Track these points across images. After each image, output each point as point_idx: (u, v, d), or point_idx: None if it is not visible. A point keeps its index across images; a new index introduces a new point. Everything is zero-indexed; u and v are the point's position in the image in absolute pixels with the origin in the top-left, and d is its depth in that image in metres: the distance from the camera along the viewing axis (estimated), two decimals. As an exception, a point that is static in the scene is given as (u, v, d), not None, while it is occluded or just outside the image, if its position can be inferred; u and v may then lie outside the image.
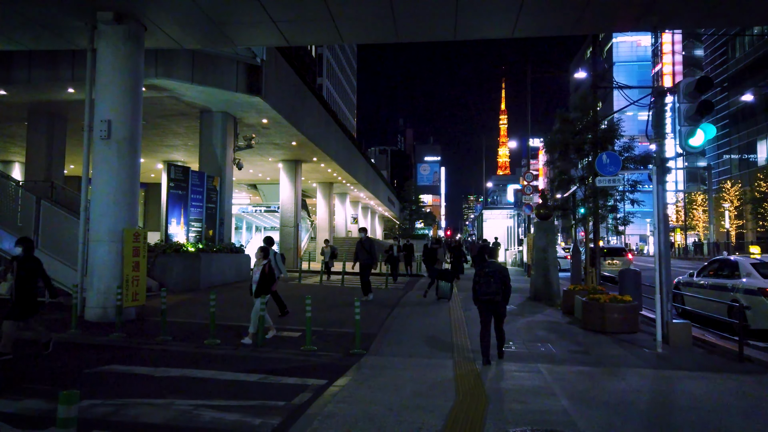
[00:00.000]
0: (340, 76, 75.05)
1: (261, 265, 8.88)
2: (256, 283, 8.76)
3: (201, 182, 16.05)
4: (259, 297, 8.45)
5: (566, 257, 23.20)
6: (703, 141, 8.49)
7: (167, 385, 6.04)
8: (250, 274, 8.98)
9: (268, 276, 8.86)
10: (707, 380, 6.46)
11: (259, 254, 9.09)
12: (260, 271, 8.79)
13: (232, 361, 7.34)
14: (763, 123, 45.61)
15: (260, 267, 8.86)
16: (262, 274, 8.75)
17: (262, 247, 9.37)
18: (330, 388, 5.82)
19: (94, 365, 6.89)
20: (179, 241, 14.80)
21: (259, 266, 8.88)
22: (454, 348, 8.07)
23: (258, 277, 8.78)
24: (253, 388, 6.01)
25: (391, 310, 11.95)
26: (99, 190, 10.09)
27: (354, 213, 47.53)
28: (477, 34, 11.04)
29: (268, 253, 9.28)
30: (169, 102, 16.09)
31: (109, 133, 9.99)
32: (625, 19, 10.39)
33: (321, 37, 11.54)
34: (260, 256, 9.07)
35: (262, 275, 8.76)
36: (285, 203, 26.32)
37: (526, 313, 11.77)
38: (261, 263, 8.93)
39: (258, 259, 9.06)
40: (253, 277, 8.93)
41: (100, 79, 10.24)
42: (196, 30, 10.83)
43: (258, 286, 8.73)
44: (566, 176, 13.64)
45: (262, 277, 8.76)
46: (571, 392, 5.84)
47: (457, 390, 5.85)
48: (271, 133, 19.90)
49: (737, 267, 10.25)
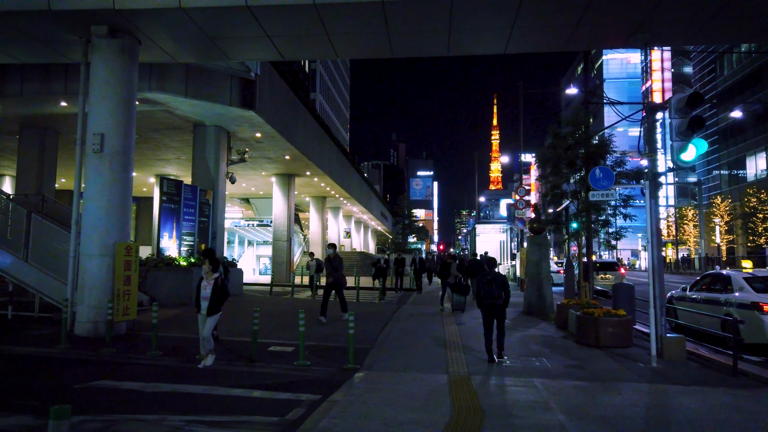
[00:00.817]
0: (334, 91, 75.48)
1: (213, 279, 7.86)
2: (208, 300, 7.75)
3: (193, 196, 15.98)
4: (213, 315, 7.75)
5: (559, 272, 23.24)
6: (695, 156, 8.57)
7: (158, 401, 5.95)
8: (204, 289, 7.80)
9: (221, 291, 7.86)
10: (703, 395, 6.44)
11: (208, 267, 7.93)
12: (212, 285, 7.81)
13: (224, 376, 7.25)
14: (751, 139, 46.19)
15: (212, 281, 7.84)
16: (214, 288, 7.79)
17: (213, 258, 8.15)
18: (324, 404, 5.75)
19: (84, 380, 6.78)
20: (171, 255, 14.69)
21: (210, 280, 7.86)
22: (448, 362, 8.02)
23: (210, 292, 7.79)
24: (246, 404, 5.93)
25: (384, 325, 11.88)
26: (91, 204, 10.02)
27: (347, 227, 47.47)
28: (470, 50, 11.15)
29: (218, 264, 8.16)
30: (162, 116, 16.08)
31: (102, 146, 9.95)
32: (616, 36, 10.52)
33: (316, 52, 11.61)
34: (209, 268, 7.92)
35: (215, 290, 7.80)
36: (278, 217, 26.26)
37: (520, 327, 11.74)
38: (212, 276, 7.89)
39: (207, 272, 7.93)
40: (201, 293, 7.83)
41: (94, 93, 10.21)
42: (191, 44, 10.85)
43: (211, 302, 7.75)
44: (558, 190, 13.69)
45: (215, 292, 7.80)
46: (568, 406, 5.81)
47: (452, 404, 5.80)
48: (264, 147, 19.91)
49: (730, 281, 10.29)
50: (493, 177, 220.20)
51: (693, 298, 11.34)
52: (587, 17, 9.42)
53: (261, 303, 15.93)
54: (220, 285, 7.83)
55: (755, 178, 45.35)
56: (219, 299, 7.83)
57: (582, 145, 13.27)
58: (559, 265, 25.82)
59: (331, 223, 41.28)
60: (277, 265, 25.71)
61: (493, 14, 9.45)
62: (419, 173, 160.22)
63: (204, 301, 7.80)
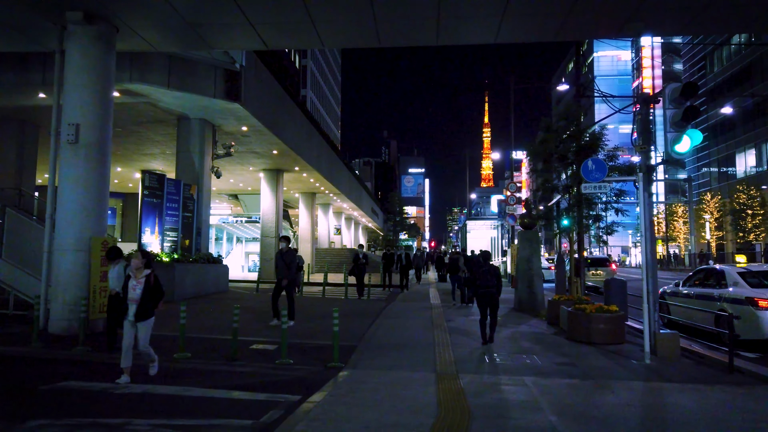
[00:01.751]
0: (324, 87, 74.96)
1: (143, 277, 6.48)
2: (137, 302, 6.40)
3: (177, 190, 15.58)
4: (145, 320, 6.45)
5: (550, 268, 23.06)
6: (690, 147, 8.33)
7: (127, 403, 5.61)
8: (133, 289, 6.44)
9: (154, 290, 6.54)
10: (698, 393, 6.21)
11: (140, 261, 6.55)
12: (143, 285, 6.44)
13: (202, 375, 6.92)
14: (741, 136, 46.33)
15: (142, 279, 6.46)
16: (146, 288, 6.45)
17: (146, 253, 6.95)
18: (303, 405, 5.44)
19: (52, 381, 6.42)
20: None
21: (140, 278, 6.47)
22: (436, 360, 7.74)
23: (140, 292, 6.41)
24: (220, 406, 5.60)
25: (372, 322, 11.60)
26: (66, 197, 9.62)
27: (337, 224, 47.12)
28: (460, 39, 10.86)
29: (151, 260, 6.94)
30: (145, 108, 15.65)
31: (77, 138, 9.56)
32: (609, 26, 10.28)
33: (301, 41, 11.27)
34: (140, 264, 6.53)
35: (147, 289, 6.45)
36: (266, 213, 25.86)
37: (510, 324, 11.49)
38: (142, 273, 6.50)
39: (137, 268, 6.51)
40: (130, 293, 6.45)
41: (69, 82, 9.81)
42: (171, 32, 10.48)
43: (141, 305, 6.41)
44: (550, 185, 13.46)
45: (147, 291, 6.46)
46: (559, 406, 5.54)
47: (439, 405, 5.51)
48: (251, 141, 19.52)
49: (724, 276, 10.09)
50: (484, 174, 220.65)
51: (686, 293, 11.14)
52: (579, 4, 9.16)
53: (246, 300, 15.60)
54: (153, 283, 6.52)
55: (744, 175, 45.51)
56: (152, 301, 6.55)
57: (574, 138, 13.04)
58: (550, 261, 25.66)
59: (320, 219, 40.92)
60: (266, 262, 25.29)
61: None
62: (411, 170, 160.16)
63: (133, 304, 6.44)
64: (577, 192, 11.90)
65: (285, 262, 10.99)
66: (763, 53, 42.80)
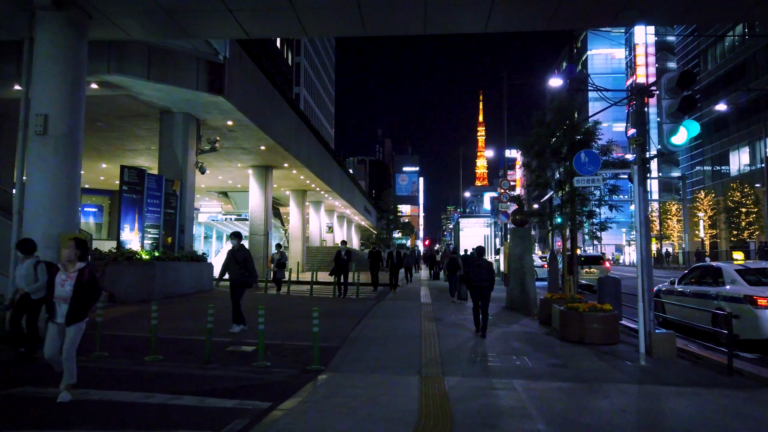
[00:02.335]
0: (318, 85, 74.40)
1: (75, 271, 5.44)
2: (68, 301, 5.33)
3: (159, 186, 15.09)
4: (76, 323, 5.36)
5: (543, 266, 22.70)
6: (687, 139, 8.01)
7: (80, 413, 5.14)
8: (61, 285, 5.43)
9: (89, 287, 5.45)
10: (697, 397, 5.83)
11: (73, 252, 5.46)
12: (75, 280, 5.39)
13: (171, 380, 6.48)
14: (735, 134, 46.16)
15: (74, 273, 5.42)
16: (78, 284, 5.38)
17: (80, 240, 5.73)
18: (272, 413, 5.02)
19: (6, 387, 5.96)
20: (132, 248, 13.80)
21: (72, 272, 5.43)
22: (421, 363, 7.34)
23: (71, 289, 5.35)
24: (181, 415, 5.16)
25: (358, 322, 11.18)
26: (34, 191, 9.16)
27: (329, 222, 46.65)
28: (448, 27, 10.44)
29: (87, 251, 5.77)
30: (126, 101, 15.15)
31: (46, 129, 9.09)
32: (604, 13, 9.90)
33: (283, 29, 10.83)
34: (72, 255, 5.46)
35: (80, 286, 5.38)
36: (254, 210, 25.37)
37: (501, 323, 11.11)
38: (75, 267, 5.46)
39: (69, 260, 5.46)
40: (57, 290, 5.41)
41: (37, 70, 9.33)
42: (147, 19, 10.01)
43: (73, 305, 5.33)
44: (542, 180, 13.09)
45: (80, 288, 5.38)
46: (549, 413, 5.15)
47: (420, 411, 5.12)
48: (237, 136, 19.04)
49: (721, 274, 9.73)
50: (479, 173, 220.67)
51: (681, 291, 10.79)
52: (572, -10, 8.77)
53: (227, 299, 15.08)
54: (87, 279, 5.43)
55: (738, 173, 45.35)
56: (87, 300, 5.48)
57: (567, 132, 12.68)
58: (543, 259, 25.33)
59: (312, 217, 40.45)
60: (254, 260, 24.80)
61: (471, -14, 8.76)
62: (405, 169, 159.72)
63: (61, 303, 5.36)
64: (570, 187, 11.53)
65: (237, 261, 9.90)
66: (757, 51, 42.63)
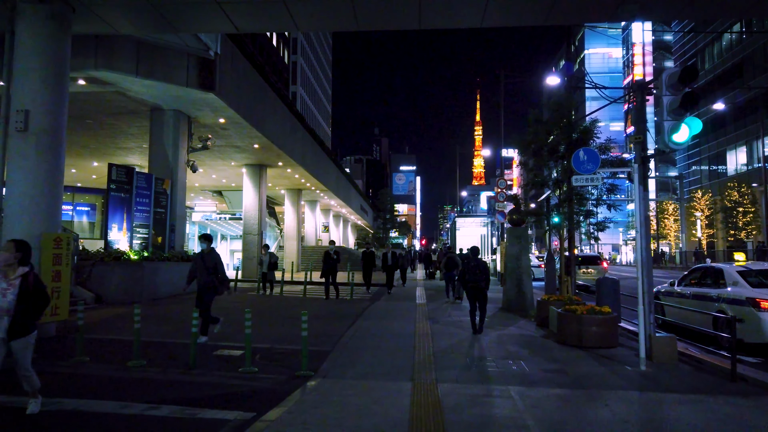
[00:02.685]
0: (315, 84, 74.05)
1: (18, 277, 4.81)
2: (11, 314, 4.72)
3: (148, 185, 14.78)
4: (23, 336, 4.82)
5: (540, 266, 22.47)
6: (688, 136, 7.71)
7: (49, 425, 4.85)
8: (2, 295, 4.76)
9: (35, 296, 4.88)
10: (701, 405, 5.58)
11: (12, 255, 4.83)
12: (17, 288, 4.77)
13: (152, 387, 6.21)
14: (732, 133, 46.03)
15: (16, 280, 4.79)
16: (23, 292, 4.78)
17: (20, 242, 5.04)
18: (255, 424, 4.75)
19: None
20: (120, 248, 13.49)
21: (13, 279, 4.80)
22: (414, 368, 7.07)
23: (13, 299, 4.73)
24: (157, 427, 4.88)
25: (351, 324, 10.92)
26: (14, 189, 8.84)
27: (325, 221, 46.35)
28: (444, 22, 10.16)
29: (29, 255, 5.09)
30: (115, 98, 14.85)
31: (26, 125, 8.78)
32: (602, 7, 9.63)
33: (273, 23, 10.54)
34: (12, 259, 4.83)
35: (25, 295, 4.78)
36: (248, 209, 25.06)
37: (497, 326, 10.85)
38: (16, 273, 4.82)
39: (8, 264, 4.82)
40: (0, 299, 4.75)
41: (18, 65, 9.01)
42: (133, 13, 9.71)
43: (17, 317, 4.75)
44: (540, 179, 12.84)
45: (26, 298, 4.78)
46: (547, 423, 4.89)
47: (411, 422, 4.85)
48: (229, 134, 18.74)
49: (722, 275, 9.49)
50: (476, 173, 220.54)
51: (681, 293, 10.55)
52: (571, -17, 8.51)
53: (221, 300, 14.79)
54: (32, 286, 4.85)
55: (735, 173, 45.22)
56: (34, 310, 4.91)
57: (565, 131, 12.44)
58: (540, 259, 25.10)
59: (308, 216, 40.16)
60: (248, 260, 24.53)
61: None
62: (402, 168, 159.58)
63: (3, 315, 4.72)
64: (568, 186, 11.29)
65: (206, 266, 9.06)
66: (755, 49, 42.50)
